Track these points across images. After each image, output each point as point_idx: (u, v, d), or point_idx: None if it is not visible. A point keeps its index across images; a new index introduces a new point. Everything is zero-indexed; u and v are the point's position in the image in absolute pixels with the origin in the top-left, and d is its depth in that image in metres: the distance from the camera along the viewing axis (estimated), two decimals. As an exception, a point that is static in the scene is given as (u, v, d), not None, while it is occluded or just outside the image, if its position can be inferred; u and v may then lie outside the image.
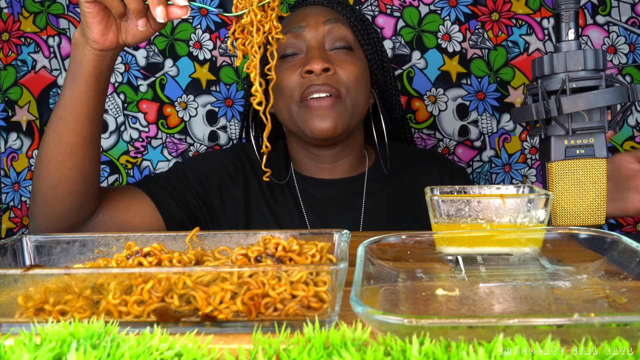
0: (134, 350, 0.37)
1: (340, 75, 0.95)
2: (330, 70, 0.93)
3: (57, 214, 0.83)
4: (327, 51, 0.96)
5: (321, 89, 0.92)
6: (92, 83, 0.77)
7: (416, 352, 0.35)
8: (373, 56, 1.02)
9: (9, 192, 1.41)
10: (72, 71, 0.77)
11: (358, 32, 1.00)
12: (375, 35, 1.03)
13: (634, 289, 0.49)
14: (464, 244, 0.59)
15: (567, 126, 0.71)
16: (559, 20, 0.73)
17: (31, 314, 0.46)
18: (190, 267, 0.46)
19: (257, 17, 0.67)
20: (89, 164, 0.82)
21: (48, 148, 0.80)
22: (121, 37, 0.74)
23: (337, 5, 1.02)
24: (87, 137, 0.80)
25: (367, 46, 1.01)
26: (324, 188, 1.03)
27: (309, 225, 1.01)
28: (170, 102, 1.39)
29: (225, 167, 1.03)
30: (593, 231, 0.56)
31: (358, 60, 0.98)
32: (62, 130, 0.79)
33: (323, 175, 1.04)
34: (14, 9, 1.38)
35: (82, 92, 0.77)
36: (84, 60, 0.75)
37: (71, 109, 0.78)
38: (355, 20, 1.01)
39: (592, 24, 1.32)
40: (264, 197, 1.02)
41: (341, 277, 0.44)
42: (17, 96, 1.39)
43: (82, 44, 0.75)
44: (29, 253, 0.58)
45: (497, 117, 1.36)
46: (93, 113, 0.79)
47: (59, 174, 0.80)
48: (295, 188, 1.03)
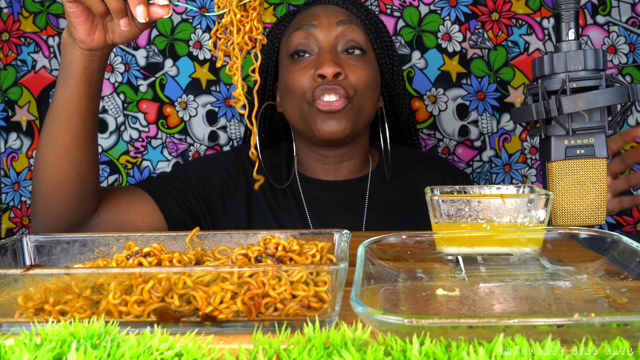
0: (134, 350, 0.37)
1: (351, 80, 0.94)
2: (342, 75, 0.93)
3: (56, 214, 0.83)
4: (338, 54, 0.96)
5: (331, 90, 0.92)
6: (83, 83, 0.76)
7: (416, 352, 0.35)
8: (384, 60, 1.02)
9: (9, 192, 1.41)
10: (63, 72, 0.76)
11: (371, 35, 1.00)
12: (387, 39, 1.03)
13: (634, 289, 0.49)
14: (464, 244, 0.59)
15: (567, 126, 0.71)
16: (559, 20, 0.73)
17: (31, 314, 0.46)
18: (190, 267, 0.46)
19: (237, 16, 0.65)
20: (85, 165, 0.81)
21: (44, 149, 0.80)
22: (109, 37, 0.74)
23: (351, 5, 1.01)
24: (81, 138, 0.80)
25: (380, 50, 1.01)
26: (327, 189, 1.03)
27: (311, 227, 1.01)
28: (170, 102, 1.39)
29: (227, 170, 1.03)
30: (593, 231, 0.56)
31: (369, 65, 0.97)
32: (56, 131, 0.78)
33: (327, 176, 1.04)
34: (14, 9, 1.38)
35: (73, 93, 0.76)
36: (73, 60, 0.75)
37: (63, 110, 0.77)
38: (369, 22, 1.00)
39: (592, 24, 1.32)
40: (266, 200, 1.02)
41: (341, 277, 0.44)
42: (17, 96, 1.39)
43: (70, 44, 0.74)
44: (29, 253, 0.58)
45: (497, 117, 1.36)
46: (86, 113, 0.79)
47: (56, 175, 0.80)
48: (298, 190, 1.03)
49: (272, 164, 1.05)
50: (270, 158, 1.07)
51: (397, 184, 1.05)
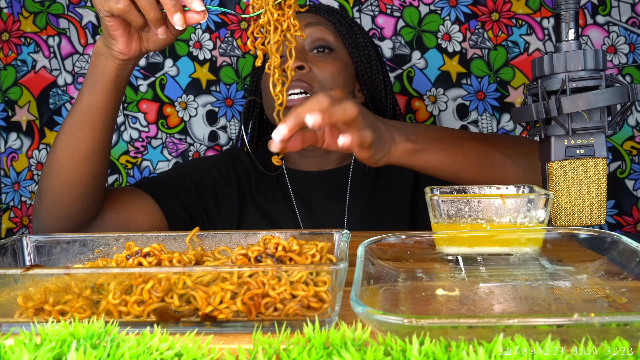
0: (134, 350, 0.37)
1: (315, 73, 0.97)
2: (305, 69, 0.96)
3: (65, 216, 0.84)
4: (306, 52, 1.00)
5: (294, 84, 0.95)
6: (112, 90, 0.78)
7: (416, 352, 0.35)
8: (359, 58, 1.04)
9: (9, 192, 1.41)
10: (92, 79, 0.78)
11: (342, 35, 1.03)
12: (363, 40, 1.06)
13: (634, 289, 0.49)
14: (464, 244, 0.59)
15: (567, 126, 0.71)
16: (559, 20, 0.73)
17: (31, 314, 0.46)
18: (190, 267, 0.46)
19: (274, 16, 0.67)
20: (101, 168, 0.83)
21: (61, 152, 0.81)
22: (143, 45, 0.75)
23: (324, 12, 1.05)
24: (101, 143, 0.82)
25: (352, 48, 1.04)
26: (311, 180, 1.07)
27: (300, 219, 1.04)
28: (170, 102, 1.39)
29: (217, 169, 1.07)
30: (593, 231, 0.56)
31: (337, 60, 1.00)
32: (78, 135, 0.80)
33: (311, 167, 1.08)
34: (14, 9, 1.38)
35: (101, 100, 0.78)
36: (107, 69, 0.76)
37: (88, 115, 0.79)
38: (341, 25, 1.03)
39: (592, 24, 1.32)
40: (256, 194, 1.06)
41: (341, 277, 0.44)
42: (17, 96, 1.39)
43: (105, 54, 0.75)
44: (29, 253, 0.58)
45: (497, 117, 1.36)
46: (110, 119, 0.81)
47: (72, 177, 0.81)
48: (286, 183, 1.07)
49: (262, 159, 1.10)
50: (260, 154, 1.11)
51: (374, 174, 1.08)
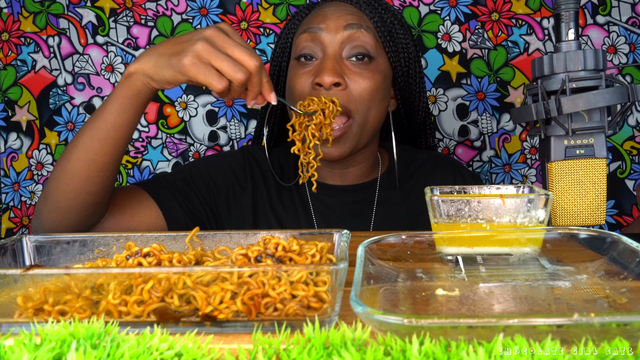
0: (134, 350, 0.37)
1: (352, 91, 0.90)
2: (341, 85, 0.89)
3: (67, 221, 0.83)
4: (342, 61, 0.92)
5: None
6: (141, 111, 0.80)
7: (416, 352, 0.35)
8: (398, 63, 0.97)
9: (9, 192, 1.41)
10: (124, 100, 0.78)
11: (383, 38, 0.94)
12: (403, 40, 0.97)
13: (634, 289, 0.49)
14: (464, 244, 0.59)
15: (567, 126, 0.71)
16: (559, 20, 0.73)
17: (31, 314, 0.46)
18: (190, 267, 0.46)
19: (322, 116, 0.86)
20: (113, 179, 0.83)
21: (76, 162, 0.80)
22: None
23: (365, 5, 0.95)
24: (120, 157, 0.82)
25: (393, 53, 0.96)
26: (335, 194, 1.00)
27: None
28: (170, 102, 1.39)
29: (233, 173, 1.00)
30: (593, 231, 0.56)
31: (376, 73, 0.92)
32: (98, 150, 0.79)
33: (335, 180, 1.01)
34: (13, 9, 1.38)
35: (129, 120, 0.79)
36: (142, 93, 0.77)
37: (114, 133, 0.79)
38: (382, 24, 0.94)
39: (592, 24, 1.32)
40: (272, 204, 0.99)
41: (341, 277, 0.44)
42: (17, 96, 1.39)
43: (145, 83, 0.76)
44: (29, 253, 0.58)
45: (497, 117, 1.36)
46: (131, 136, 0.82)
47: (84, 187, 0.81)
48: (306, 194, 1.00)
49: (281, 165, 1.03)
50: (279, 159, 1.04)
51: (406, 188, 1.02)
